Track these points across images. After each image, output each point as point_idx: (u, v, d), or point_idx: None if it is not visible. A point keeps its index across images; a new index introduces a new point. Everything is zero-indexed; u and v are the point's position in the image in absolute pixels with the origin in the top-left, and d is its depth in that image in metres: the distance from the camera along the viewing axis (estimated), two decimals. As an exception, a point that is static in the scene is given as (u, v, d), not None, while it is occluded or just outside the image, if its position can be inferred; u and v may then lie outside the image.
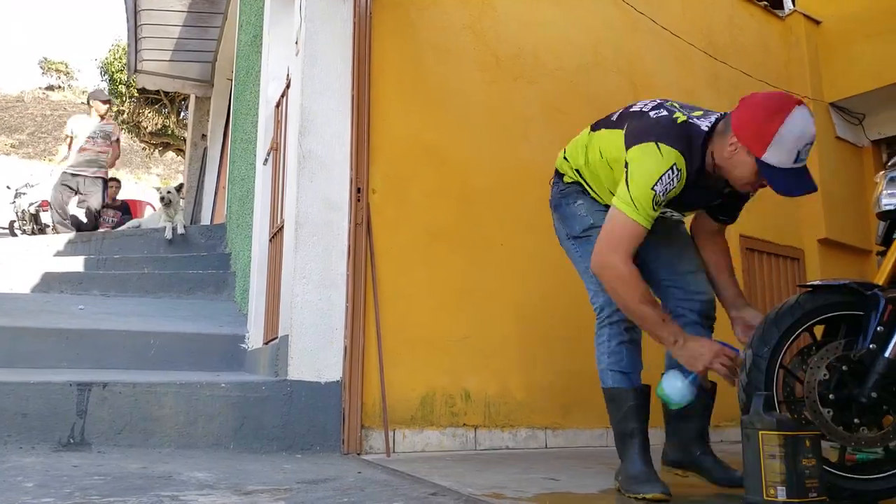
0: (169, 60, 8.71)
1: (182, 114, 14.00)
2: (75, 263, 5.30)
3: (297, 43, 3.43)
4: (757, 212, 4.17)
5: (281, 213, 3.65)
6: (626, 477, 2.08)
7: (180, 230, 6.25)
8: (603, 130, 2.25)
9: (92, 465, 2.29)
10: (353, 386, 3.01)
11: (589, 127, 2.37)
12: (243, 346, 3.95)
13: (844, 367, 1.98)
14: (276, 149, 3.99)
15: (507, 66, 3.90)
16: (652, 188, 1.94)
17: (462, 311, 3.45)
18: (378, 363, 3.12)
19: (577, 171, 2.32)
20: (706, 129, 2.03)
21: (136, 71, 8.82)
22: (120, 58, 15.14)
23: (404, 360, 3.22)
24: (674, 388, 1.77)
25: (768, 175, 1.90)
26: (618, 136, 2.14)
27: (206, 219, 9.15)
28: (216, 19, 7.86)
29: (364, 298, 3.14)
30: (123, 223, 7.83)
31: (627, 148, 2.05)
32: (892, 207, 2.04)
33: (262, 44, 4.55)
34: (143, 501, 1.76)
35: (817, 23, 5.92)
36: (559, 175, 2.44)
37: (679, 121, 2.04)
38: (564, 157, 2.40)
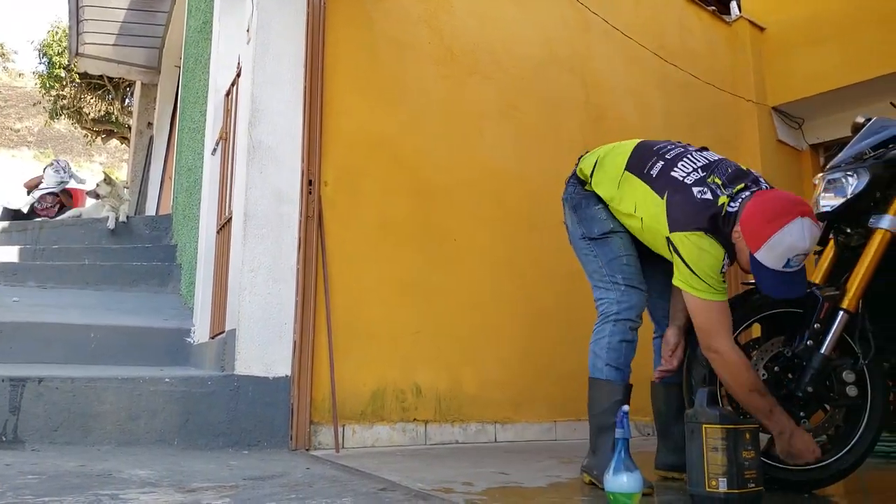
0: (113, 45, 8.39)
1: (127, 101, 13.54)
2: (9, 253, 5.08)
3: (248, 31, 3.36)
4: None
5: (229, 205, 3.57)
6: (593, 466, 2.12)
7: (123, 220, 6.05)
8: (636, 181, 2.20)
9: (26, 463, 2.19)
10: (302, 381, 2.97)
11: (625, 159, 2.27)
12: (189, 340, 3.85)
13: (783, 364, 2.05)
14: (226, 139, 3.89)
15: (463, 62, 3.90)
16: (720, 272, 2.01)
17: (414, 306, 3.44)
18: (328, 358, 3.08)
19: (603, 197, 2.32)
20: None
21: (77, 54, 8.47)
22: (60, 40, 14.53)
23: (355, 354, 3.19)
24: (620, 483, 1.78)
25: (755, 272, 1.96)
26: (654, 202, 2.13)
27: (151, 209, 8.88)
28: (164, 3, 7.62)
29: (315, 292, 3.10)
30: (64, 210, 7.54)
31: (672, 230, 2.06)
32: (829, 209, 2.12)
33: (212, 30, 4.44)
34: (81, 501, 1.70)
35: (762, 29, 6.12)
36: (580, 181, 2.41)
37: (723, 213, 2.02)
38: (590, 173, 2.35)
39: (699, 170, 2.12)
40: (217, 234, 3.92)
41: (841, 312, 2.03)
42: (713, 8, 5.95)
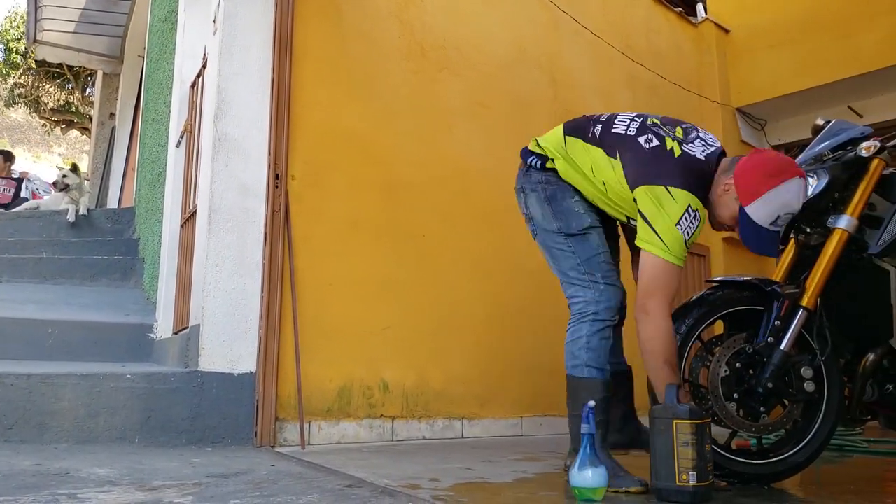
0: (73, 32, 8.15)
1: (88, 90, 13.19)
2: (-37, 246, 4.91)
3: (214, 21, 3.30)
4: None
5: (194, 198, 3.51)
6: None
7: (84, 213, 5.90)
8: (581, 143, 2.19)
9: (-21, 462, 2.13)
10: (267, 377, 2.94)
11: (560, 127, 2.28)
12: (151, 335, 3.78)
13: (744, 360, 2.09)
14: (191, 131, 3.82)
15: (433, 58, 3.89)
16: (677, 230, 1.95)
17: (382, 302, 3.42)
18: (294, 354, 3.05)
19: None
20: (703, 158, 2.04)
21: (35, 41, 8.21)
22: (18, 26, 14.10)
23: (322, 351, 3.17)
24: (585, 478, 1.80)
25: (742, 224, 1.96)
26: (608, 162, 2.11)
27: (113, 202, 8.67)
28: (127, -9, 7.45)
29: (281, 288, 3.06)
30: (20, 199, 7.32)
31: (632, 186, 2.04)
32: (790, 209, 2.16)
33: (177, 20, 4.35)
34: (38, 500, 1.65)
35: (727, 31, 6.23)
36: (540, 158, 2.29)
37: (676, 154, 2.02)
38: (539, 145, 2.31)
39: (634, 119, 2.14)
40: (181, 227, 3.85)
41: (800, 310, 2.08)
42: (680, 9, 6.04)
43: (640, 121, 2.13)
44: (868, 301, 2.16)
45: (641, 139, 2.07)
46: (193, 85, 3.88)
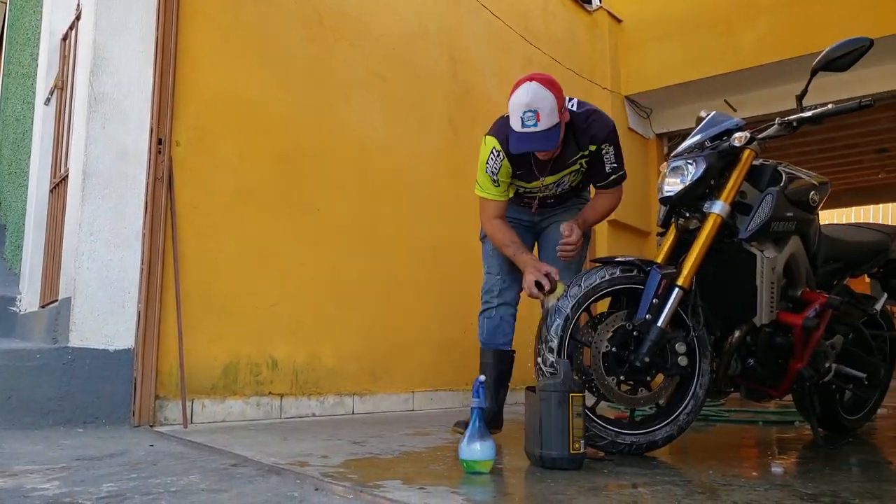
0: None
1: (-60, 36, 11.85)
2: None
3: (90, -32, 3.03)
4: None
5: (65, 161, 3.24)
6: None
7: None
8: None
9: None
10: (146, 353, 2.79)
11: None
12: (14, 309, 3.49)
13: (624, 335, 2.20)
14: (62, 88, 3.52)
15: (331, 26, 3.77)
16: (485, 171, 2.55)
17: (272, 277, 3.32)
18: (177, 329, 2.91)
19: None
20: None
21: None
22: None
23: (207, 326, 3.04)
24: (473, 451, 1.85)
25: (510, 136, 2.38)
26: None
27: (-31, 162, 7.88)
28: (-12, -71, 6.71)
29: (163, 260, 2.90)
30: None
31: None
32: (671, 194, 2.28)
33: (46, -35, 3.97)
34: None
35: (619, 21, 6.46)
36: None
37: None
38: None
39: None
40: (50, 192, 3.56)
41: (676, 289, 2.20)
42: (576, -5, 6.19)
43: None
44: (736, 282, 2.31)
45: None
46: (65, 38, 3.57)
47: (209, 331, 3.04)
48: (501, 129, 2.47)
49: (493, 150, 2.50)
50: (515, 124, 2.32)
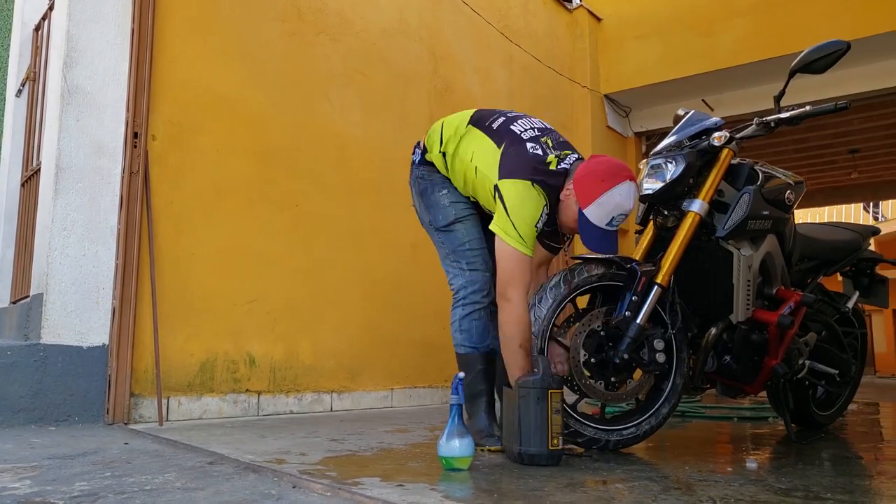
0: None
1: None
2: None
3: (64, -42, 2.97)
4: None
5: (38, 155, 3.18)
6: (474, 431, 2.20)
7: None
8: (478, 132, 2.32)
9: None
10: (121, 350, 2.74)
11: (468, 115, 2.39)
12: (-16, 305, 3.42)
13: (603, 332, 2.21)
14: (34, 79, 3.46)
15: (310, 20, 3.74)
16: (535, 225, 2.13)
17: (250, 274, 3.29)
18: (153, 326, 2.87)
19: (442, 153, 2.38)
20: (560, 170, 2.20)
21: None
22: None
23: (183, 323, 3.00)
24: (452, 448, 1.85)
25: (581, 226, 2.12)
26: (492, 150, 2.24)
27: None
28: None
29: (138, 256, 2.86)
30: None
31: (501, 177, 2.17)
32: (650, 192, 2.30)
33: (18, -47, 3.89)
34: None
35: (599, 19, 6.49)
36: (424, 151, 2.45)
37: (552, 167, 2.18)
38: (439, 138, 2.40)
39: (535, 129, 2.30)
40: (22, 186, 3.49)
41: (655, 286, 2.22)
42: (557, -6, 6.21)
43: (537, 133, 2.28)
44: (714, 280, 2.34)
45: (529, 145, 2.22)
46: (38, 28, 3.50)
47: (186, 327, 3.01)
48: (546, 184, 2.16)
49: (545, 210, 2.16)
50: (601, 221, 2.08)
